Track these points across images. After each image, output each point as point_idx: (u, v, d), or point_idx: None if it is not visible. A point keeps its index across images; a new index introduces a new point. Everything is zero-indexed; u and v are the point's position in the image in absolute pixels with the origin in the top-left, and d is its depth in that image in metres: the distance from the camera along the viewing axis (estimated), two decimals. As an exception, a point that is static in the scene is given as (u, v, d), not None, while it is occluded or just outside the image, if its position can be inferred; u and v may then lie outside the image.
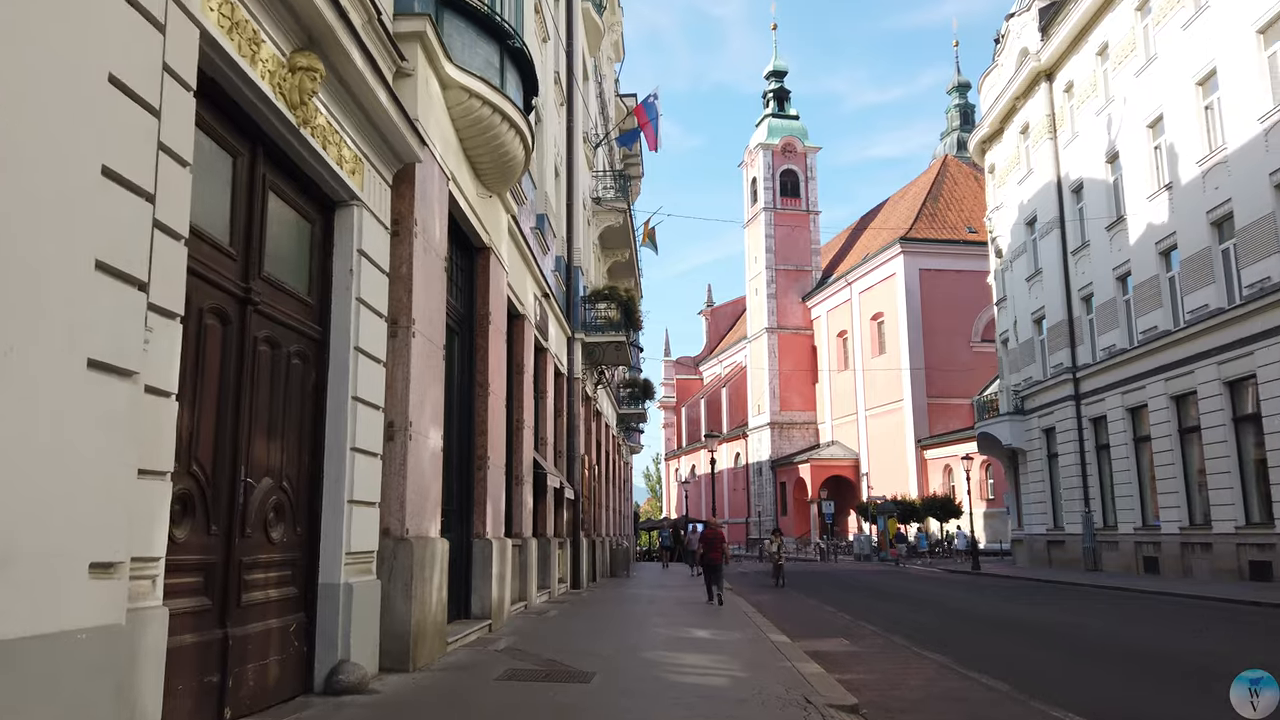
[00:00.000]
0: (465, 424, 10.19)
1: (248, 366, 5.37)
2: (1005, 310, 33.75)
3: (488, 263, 10.56)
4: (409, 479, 7.14)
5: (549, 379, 16.46)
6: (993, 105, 33.15)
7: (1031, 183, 30.67)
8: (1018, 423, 31.39)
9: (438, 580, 7.67)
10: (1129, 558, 25.03)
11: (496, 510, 10.67)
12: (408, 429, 7.17)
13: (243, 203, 5.38)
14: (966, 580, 26.94)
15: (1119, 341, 25.34)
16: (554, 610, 13.27)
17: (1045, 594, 19.99)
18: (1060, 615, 14.81)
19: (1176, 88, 22.41)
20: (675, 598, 17.13)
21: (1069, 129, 28.47)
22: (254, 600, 5.43)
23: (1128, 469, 25.10)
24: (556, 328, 17.74)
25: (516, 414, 13.47)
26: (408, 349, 7.27)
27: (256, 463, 5.49)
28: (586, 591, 18.14)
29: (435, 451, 7.95)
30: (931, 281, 55.56)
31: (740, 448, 71.36)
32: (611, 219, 23.03)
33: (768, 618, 13.36)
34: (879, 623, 13.33)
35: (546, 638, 9.90)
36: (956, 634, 12.21)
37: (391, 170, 7.26)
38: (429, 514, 7.66)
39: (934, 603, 17.80)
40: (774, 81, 71.71)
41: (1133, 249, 24.56)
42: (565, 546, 17.97)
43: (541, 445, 15.97)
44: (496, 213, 10.95)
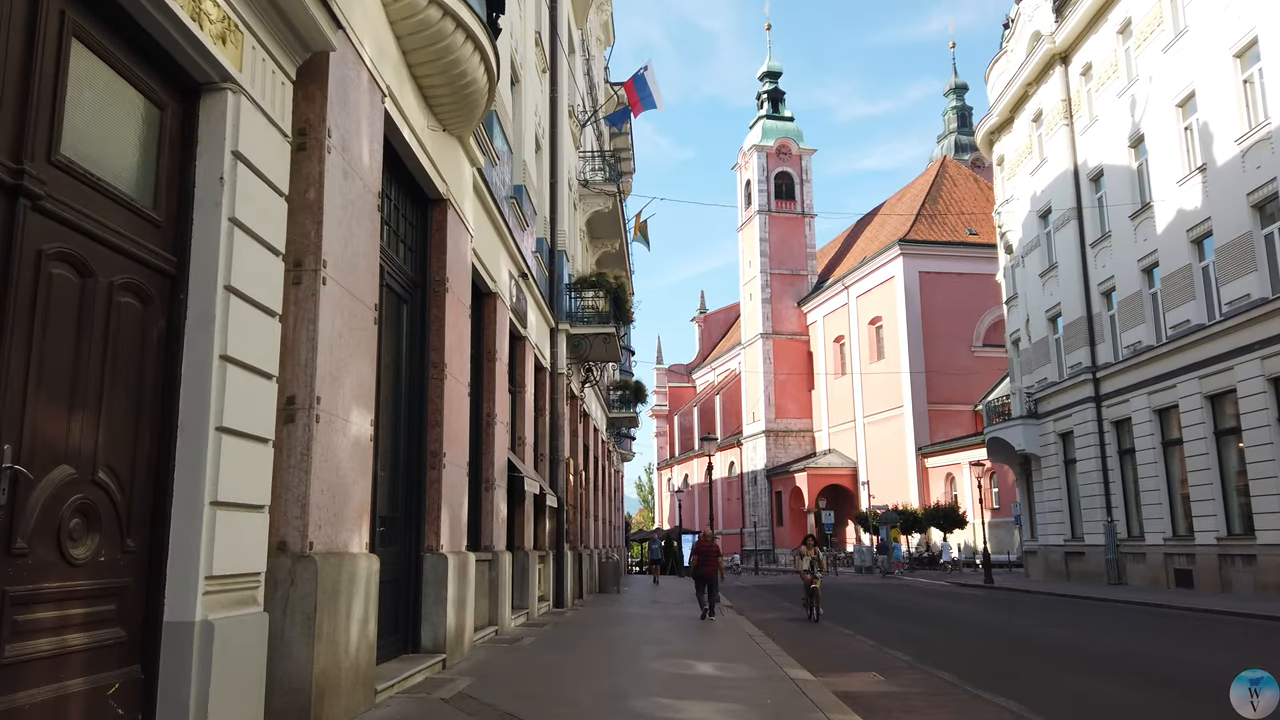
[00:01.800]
0: (415, 412, 8.31)
1: (17, 296, 3.50)
2: (1016, 309, 32.00)
3: (445, 218, 8.70)
4: (314, 475, 5.26)
5: (528, 371, 14.59)
6: (1002, 93, 31.49)
7: (1045, 172, 28.97)
8: (1031, 427, 29.60)
9: (360, 610, 5.78)
10: (1158, 570, 23.20)
11: (455, 518, 8.77)
12: (313, 407, 5.30)
13: (11, 37, 3.52)
14: (981, 595, 25.09)
15: (1145, 338, 23.58)
16: (530, 637, 11.36)
17: (1078, 611, 18.15)
18: (1114, 637, 12.96)
19: (1211, 62, 20.72)
20: (670, 618, 15.23)
21: (1086, 113, 26.79)
22: (33, 652, 3.55)
23: (1155, 474, 23.30)
24: (537, 316, 15.88)
25: (487, 407, 11.60)
26: (314, 300, 5.40)
27: (42, 444, 3.62)
28: (572, 611, 16.21)
29: (360, 441, 6.07)
30: (931, 284, 53.86)
31: (734, 456, 69.42)
32: (600, 204, 21.16)
33: (778, 643, 11.50)
34: (910, 650, 11.45)
35: (513, 677, 7.99)
36: (1008, 665, 10.35)
37: (293, 60, 5.39)
38: (347, 522, 5.77)
39: (960, 622, 15.93)
40: (768, 83, 70.26)
41: (1160, 238, 22.83)
42: (547, 561, 16.06)
43: (519, 446, 14.09)
44: (457, 160, 9.10)
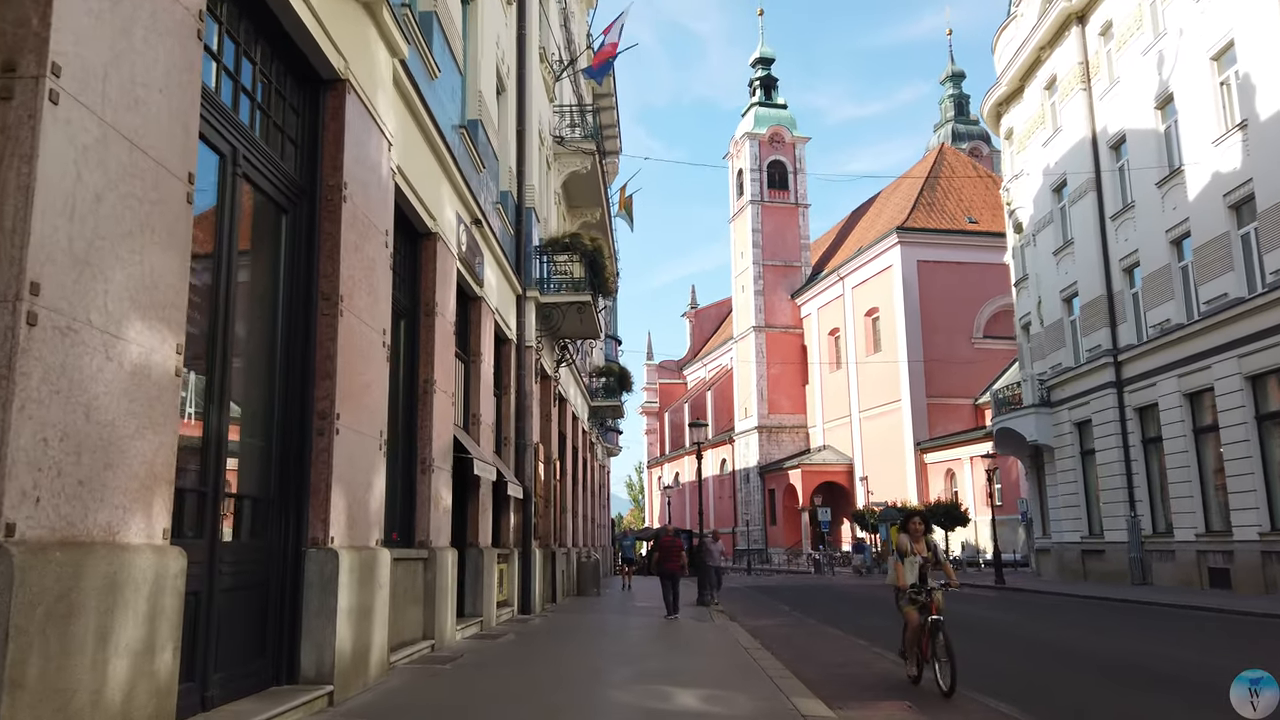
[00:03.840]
0: (294, 357, 6.18)
1: None
2: (1026, 291, 29.99)
3: (342, 105, 6.57)
4: (23, 413, 3.14)
5: (485, 339, 12.46)
6: (1011, 61, 29.46)
7: (1060, 143, 26.96)
8: (1044, 416, 27.59)
9: (138, 634, 3.68)
10: (1189, 570, 21.19)
11: (358, 503, 6.65)
12: (22, 301, 3.18)
13: None
14: (996, 597, 23.06)
15: (1174, 315, 21.58)
16: (474, 654, 9.23)
17: (1114, 615, 16.13)
18: (1183, 648, 10.92)
19: (1251, 7, 18.73)
20: (649, 627, 13.14)
21: (1106, 76, 24.80)
22: None
23: (1186, 465, 21.29)
24: (500, 278, 13.76)
25: (424, 372, 9.49)
26: (32, 126, 3.28)
27: None
28: (540, 618, 14.09)
29: (148, 375, 3.94)
30: (930, 274, 51.82)
31: (726, 454, 67.32)
32: (578, 163, 19.00)
33: (778, 658, 9.43)
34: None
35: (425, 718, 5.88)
36: (1069, 690, 8.28)
37: None
38: (113, 497, 3.65)
39: (989, 630, 13.85)
40: (761, 69, 68.21)
41: (1192, 205, 20.82)
42: (511, 560, 13.94)
43: (474, 425, 11.97)
44: (364, 36, 6.98)
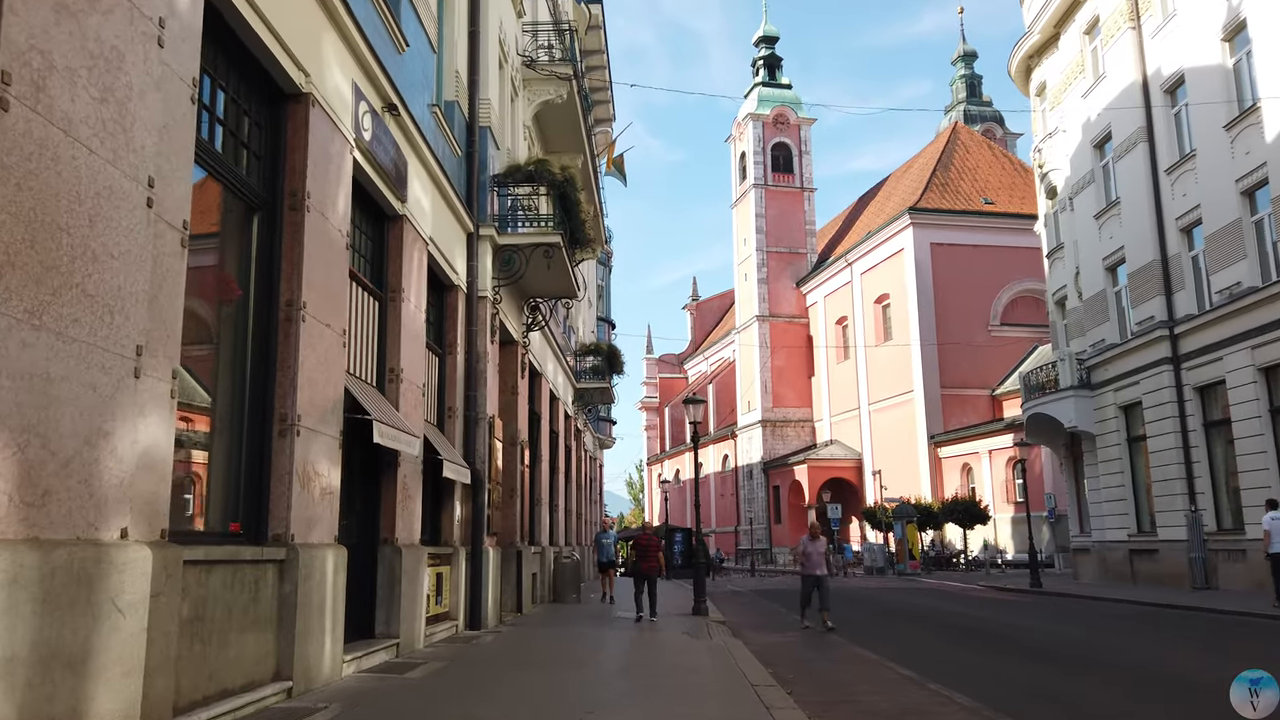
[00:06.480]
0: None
1: None
2: (1061, 262, 26.99)
3: None
4: None
5: (410, 271, 9.52)
6: (1044, 7, 26.50)
7: (1103, 92, 23.97)
8: (1084, 399, 24.59)
9: None
10: (1264, 571, 18.19)
11: (53, 458, 3.71)
12: None
13: None
14: (1035, 602, 20.11)
15: (1247, 278, 18.59)
16: (343, 706, 6.28)
17: (1199, 626, 13.20)
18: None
19: (1351, -96, 15.82)
20: (624, 651, 10.22)
21: (1159, 11, 21.82)
22: None
23: (1262, 449, 18.29)
24: (437, 202, 10.82)
25: (289, 289, 6.56)
26: None
27: None
28: (491, 635, 11.14)
29: None
30: (944, 257, 48.74)
31: (729, 449, 64.34)
32: (551, 91, 16.01)
33: (802, 706, 6.52)
34: (1008, 701, 6.44)
35: None
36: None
37: None
38: None
39: (1041, 647, 10.89)
40: (764, 48, 65.28)
41: (1269, 147, 17.86)
42: (454, 561, 11.00)
43: (390, 381, 9.03)
44: None
